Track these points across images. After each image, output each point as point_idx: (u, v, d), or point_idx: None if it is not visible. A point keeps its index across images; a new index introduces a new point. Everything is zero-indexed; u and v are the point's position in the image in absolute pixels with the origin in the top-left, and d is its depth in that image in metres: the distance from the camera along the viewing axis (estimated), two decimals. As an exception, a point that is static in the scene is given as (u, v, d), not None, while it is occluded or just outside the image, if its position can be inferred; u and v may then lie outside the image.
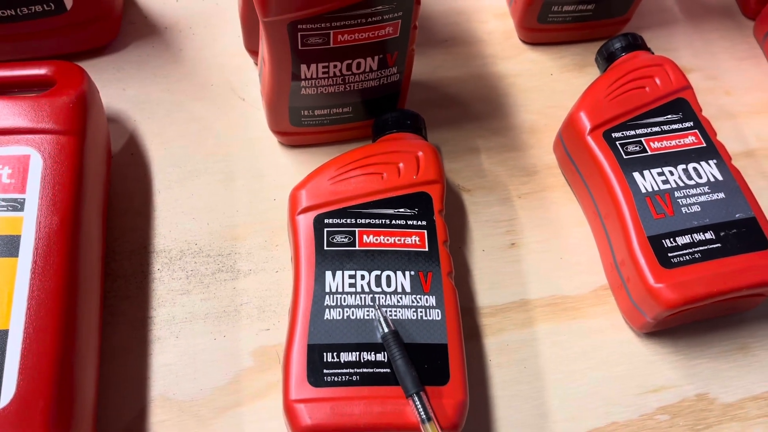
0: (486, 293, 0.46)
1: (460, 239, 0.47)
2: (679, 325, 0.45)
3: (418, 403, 0.35)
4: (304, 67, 0.42)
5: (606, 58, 0.52)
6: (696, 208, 0.43)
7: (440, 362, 0.37)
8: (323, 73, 0.43)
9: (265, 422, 0.40)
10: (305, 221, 0.41)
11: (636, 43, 0.51)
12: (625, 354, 0.44)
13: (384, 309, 0.38)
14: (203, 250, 0.46)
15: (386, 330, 0.37)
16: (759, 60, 0.58)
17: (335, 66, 0.42)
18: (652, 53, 0.51)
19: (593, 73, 0.55)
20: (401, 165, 0.43)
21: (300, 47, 0.40)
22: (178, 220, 0.47)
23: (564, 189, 0.50)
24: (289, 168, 0.49)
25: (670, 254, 0.41)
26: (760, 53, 0.58)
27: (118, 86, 0.52)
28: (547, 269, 0.47)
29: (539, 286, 0.46)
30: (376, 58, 0.43)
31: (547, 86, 0.55)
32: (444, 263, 0.40)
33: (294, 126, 0.47)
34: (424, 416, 0.35)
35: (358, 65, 0.43)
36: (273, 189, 0.48)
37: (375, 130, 0.47)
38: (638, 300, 0.42)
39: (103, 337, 0.41)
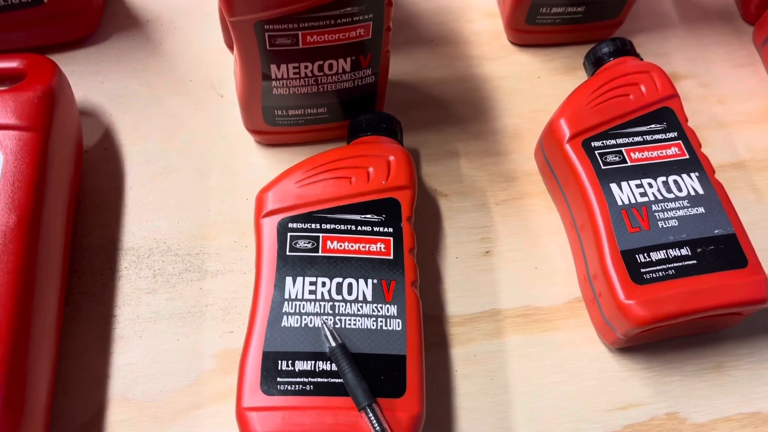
0: (456, 302, 0.45)
1: (433, 246, 0.47)
2: (654, 342, 0.44)
3: (371, 415, 0.34)
4: (274, 67, 0.41)
5: (593, 63, 0.50)
6: (673, 223, 0.42)
7: (398, 374, 0.36)
8: (294, 73, 0.42)
9: (224, 426, 0.40)
10: (269, 225, 0.40)
11: (624, 49, 0.50)
12: (596, 369, 0.43)
13: (344, 318, 0.37)
14: (172, 248, 0.45)
15: (333, 344, 0.36)
16: (756, 67, 0.56)
17: (306, 67, 0.42)
18: (641, 59, 0.50)
19: (582, 77, 0.53)
20: (371, 169, 0.42)
21: (268, 47, 0.40)
22: (149, 217, 0.46)
23: (543, 197, 0.49)
24: (264, 167, 0.49)
25: (643, 270, 0.40)
26: (758, 60, 0.57)
27: (96, 79, 0.51)
28: (520, 279, 0.46)
29: (512, 296, 0.45)
30: (349, 59, 0.42)
31: (534, 90, 0.54)
32: (408, 272, 0.39)
33: (269, 125, 0.47)
34: (377, 428, 0.34)
35: (330, 66, 0.42)
36: (246, 188, 0.47)
37: (350, 133, 0.46)
38: (609, 315, 0.41)
39: (64, 335, 0.41)
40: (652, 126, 0.45)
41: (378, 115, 0.45)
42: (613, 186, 0.43)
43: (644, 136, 0.45)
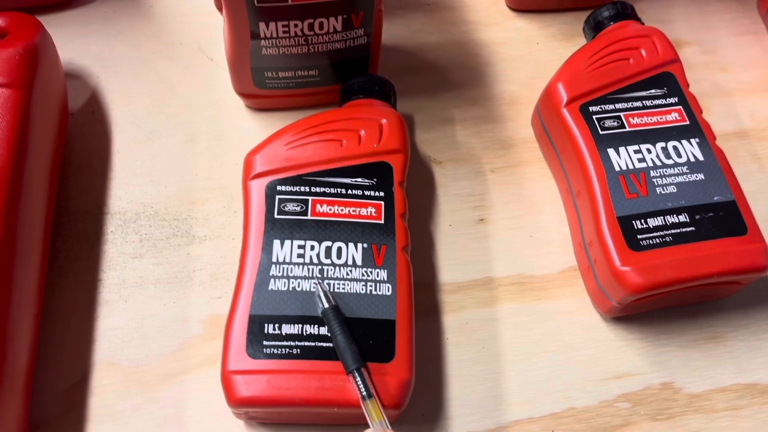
0: (449, 269, 0.44)
1: (427, 213, 0.46)
2: (649, 311, 0.43)
3: (358, 379, 0.34)
4: (262, 25, 0.40)
5: (593, 28, 0.49)
6: (672, 189, 0.41)
7: (387, 339, 0.36)
8: (284, 32, 0.41)
9: (210, 391, 0.39)
10: (257, 187, 0.39)
11: (625, 13, 0.48)
12: (590, 338, 0.42)
13: (333, 282, 0.37)
14: (159, 213, 0.44)
15: (326, 305, 0.35)
16: (760, 36, 0.55)
17: (296, 25, 0.40)
18: (642, 23, 0.49)
19: (581, 43, 0.52)
20: (362, 132, 0.41)
21: (257, 3, 0.38)
22: (136, 181, 0.45)
23: (540, 164, 0.48)
24: (255, 132, 0.48)
25: (639, 236, 0.39)
26: (762, 29, 0.55)
27: (83, 41, 0.50)
28: (515, 247, 0.45)
29: (506, 264, 0.44)
30: (340, 18, 0.41)
31: (532, 56, 0.52)
32: (399, 237, 0.38)
33: (259, 88, 0.45)
34: (364, 393, 0.34)
35: (321, 25, 0.41)
36: (236, 153, 0.46)
37: (342, 96, 0.45)
38: (604, 283, 0.40)
39: (50, 299, 0.41)
40: (652, 91, 0.44)
41: (371, 78, 0.44)
42: (611, 151, 0.42)
43: (644, 101, 0.44)
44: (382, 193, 0.39)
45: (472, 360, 0.41)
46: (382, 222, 0.39)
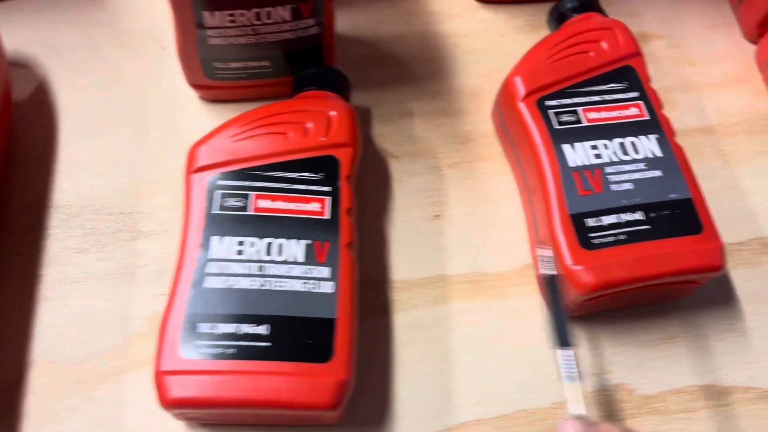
0: (401, 267, 0.43)
1: (381, 209, 0.44)
2: (606, 310, 0.42)
3: (562, 358, 0.33)
4: (206, 14, 0.39)
5: (556, 19, 0.48)
6: (627, 186, 0.40)
7: (325, 338, 0.35)
8: (230, 21, 0.39)
9: (151, 391, 0.38)
10: (199, 181, 0.38)
11: (589, 4, 0.47)
12: (544, 338, 0.41)
13: (272, 279, 0.35)
14: (105, 207, 0.43)
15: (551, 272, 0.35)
16: (731, 29, 0.54)
17: (242, 14, 0.39)
18: (606, 15, 0.47)
19: (547, 35, 0.51)
20: (310, 125, 0.40)
21: (199, -9, 0.37)
22: (82, 174, 0.44)
23: (499, 159, 0.47)
24: (207, 124, 0.46)
25: (592, 234, 0.38)
26: (734, 21, 0.54)
27: (30, 29, 0.49)
28: (470, 244, 0.44)
29: (460, 261, 0.43)
30: (288, 7, 0.39)
31: (496, 48, 0.51)
32: (344, 233, 0.37)
33: (209, 79, 0.44)
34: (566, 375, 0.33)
35: (268, 15, 0.39)
36: (186, 146, 0.44)
37: (293, 87, 0.43)
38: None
39: (-13, 294, 0.40)
40: (612, 85, 0.43)
41: (323, 69, 0.43)
42: (566, 147, 0.41)
43: (603, 96, 0.43)
44: (328, 188, 0.38)
45: (422, 360, 0.40)
46: (327, 218, 0.38)
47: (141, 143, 0.45)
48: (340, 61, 0.48)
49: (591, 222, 0.39)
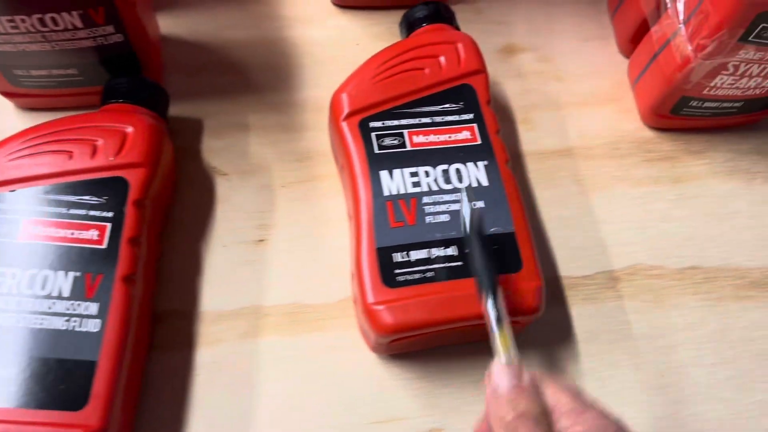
0: (213, 296, 0.40)
1: (199, 231, 0.41)
2: (429, 349, 0.39)
3: (490, 303, 0.32)
4: (-18, 19, 0.35)
5: (407, 28, 0.45)
6: (444, 218, 0.37)
7: (81, 383, 0.31)
8: (12, 27, 0.36)
9: None
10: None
11: (439, 14, 0.44)
12: (361, 378, 0.38)
13: (29, 316, 0.32)
14: None
15: (468, 228, 0.34)
16: (607, 42, 0.50)
17: (23, 20, 0.36)
18: (458, 28, 0.44)
19: (407, 45, 0.48)
20: (100, 142, 0.36)
21: (-34, -5, 0.34)
22: None
23: (335, 180, 0.43)
24: (21, 134, 0.43)
25: (397, 271, 0.35)
26: (611, 34, 0.51)
27: None
28: (293, 272, 0.41)
29: (280, 291, 0.40)
30: (75, 13, 0.36)
31: (349, 58, 0.47)
32: (123, 264, 0.34)
33: (15, 86, 0.41)
34: (494, 321, 0.31)
35: (54, 21, 0.36)
36: (-6, 158, 0.42)
37: (101, 98, 0.40)
38: (363, 320, 0.36)
39: None
40: (447, 106, 0.40)
41: (130, 80, 0.40)
42: (383, 173, 0.38)
43: (433, 117, 0.39)
44: (109, 214, 0.35)
45: (222, 401, 0.37)
46: (104, 247, 0.34)
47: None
48: (173, 69, 0.45)
49: (398, 257, 0.35)
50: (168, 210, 0.41)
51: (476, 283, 0.33)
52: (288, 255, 0.41)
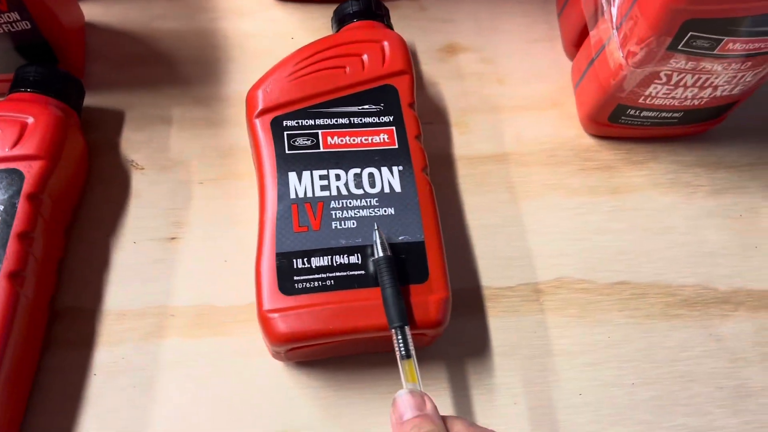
0: (117, 294, 0.38)
1: (109, 225, 0.40)
2: (339, 357, 0.38)
3: (400, 337, 0.32)
4: None
5: (338, 23, 0.43)
6: (351, 224, 0.35)
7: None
8: None
9: None
10: None
11: (370, 11, 0.42)
12: (264, 385, 0.37)
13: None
14: None
15: (381, 254, 0.34)
16: (554, 44, 0.49)
17: None
18: (390, 27, 0.43)
19: (344, 41, 0.46)
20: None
21: None
22: None
23: (254, 178, 0.42)
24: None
25: (297, 278, 0.34)
26: (557, 35, 0.49)
27: None
28: (203, 272, 0.39)
29: (187, 291, 0.39)
30: (-27, -2, 0.35)
31: (281, 52, 0.45)
32: (9, 261, 0.33)
33: (-75, 72, 0.40)
34: (404, 352, 0.32)
35: (-49, 5, 0.35)
36: None
37: (11, 87, 0.39)
38: (259, 327, 0.35)
39: None
40: (366, 107, 0.38)
41: (40, 70, 0.38)
42: (292, 175, 0.36)
43: (351, 118, 0.38)
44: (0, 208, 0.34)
45: (117, 403, 0.36)
46: None
47: None
48: (97, 58, 0.44)
49: (299, 263, 0.34)
50: (76, 204, 0.40)
51: (387, 317, 0.33)
52: (200, 254, 0.40)
